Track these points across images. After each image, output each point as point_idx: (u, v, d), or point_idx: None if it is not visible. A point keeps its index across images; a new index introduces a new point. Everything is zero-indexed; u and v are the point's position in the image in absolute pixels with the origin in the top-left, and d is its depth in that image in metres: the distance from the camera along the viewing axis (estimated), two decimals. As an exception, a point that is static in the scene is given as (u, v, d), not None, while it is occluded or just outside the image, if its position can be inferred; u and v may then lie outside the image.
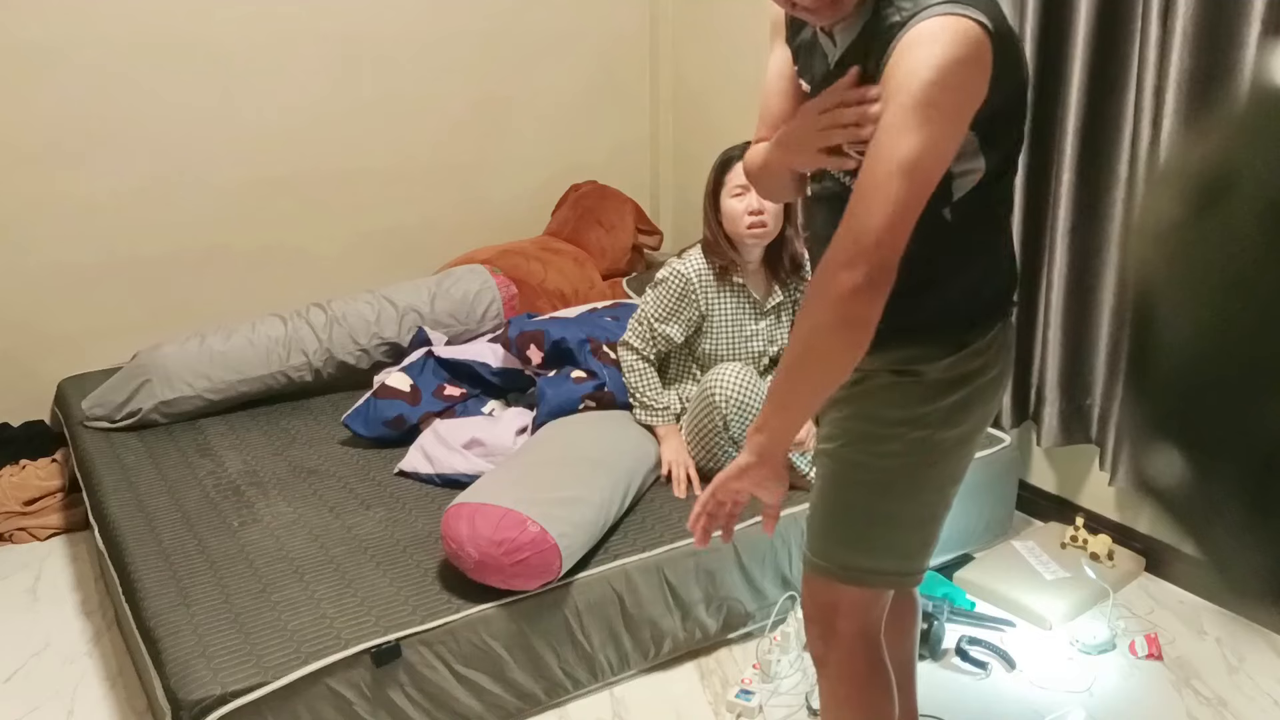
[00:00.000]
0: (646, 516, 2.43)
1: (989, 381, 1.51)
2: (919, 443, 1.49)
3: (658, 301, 2.61)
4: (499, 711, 2.14)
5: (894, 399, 1.49)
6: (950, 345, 1.46)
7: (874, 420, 1.51)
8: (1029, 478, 3.00)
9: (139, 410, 2.95)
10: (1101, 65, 2.53)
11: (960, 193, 1.40)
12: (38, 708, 2.29)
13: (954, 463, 1.53)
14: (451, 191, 3.94)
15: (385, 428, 2.81)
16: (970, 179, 1.40)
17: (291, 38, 3.51)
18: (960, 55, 1.26)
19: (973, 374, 1.48)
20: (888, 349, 1.46)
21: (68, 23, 3.17)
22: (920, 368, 1.47)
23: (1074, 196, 2.62)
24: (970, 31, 1.27)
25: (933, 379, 1.47)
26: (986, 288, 1.49)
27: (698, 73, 4.05)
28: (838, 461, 1.56)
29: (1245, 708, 2.23)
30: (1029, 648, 2.42)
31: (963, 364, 1.47)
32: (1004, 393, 1.58)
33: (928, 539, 1.58)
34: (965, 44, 1.26)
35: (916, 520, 1.55)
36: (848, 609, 1.58)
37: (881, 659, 1.64)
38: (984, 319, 1.49)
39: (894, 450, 1.50)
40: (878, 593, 1.60)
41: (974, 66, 1.27)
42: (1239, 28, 2.23)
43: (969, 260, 1.46)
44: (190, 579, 2.19)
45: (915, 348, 1.47)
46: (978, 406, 1.51)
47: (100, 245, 3.36)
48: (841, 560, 1.56)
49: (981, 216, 1.44)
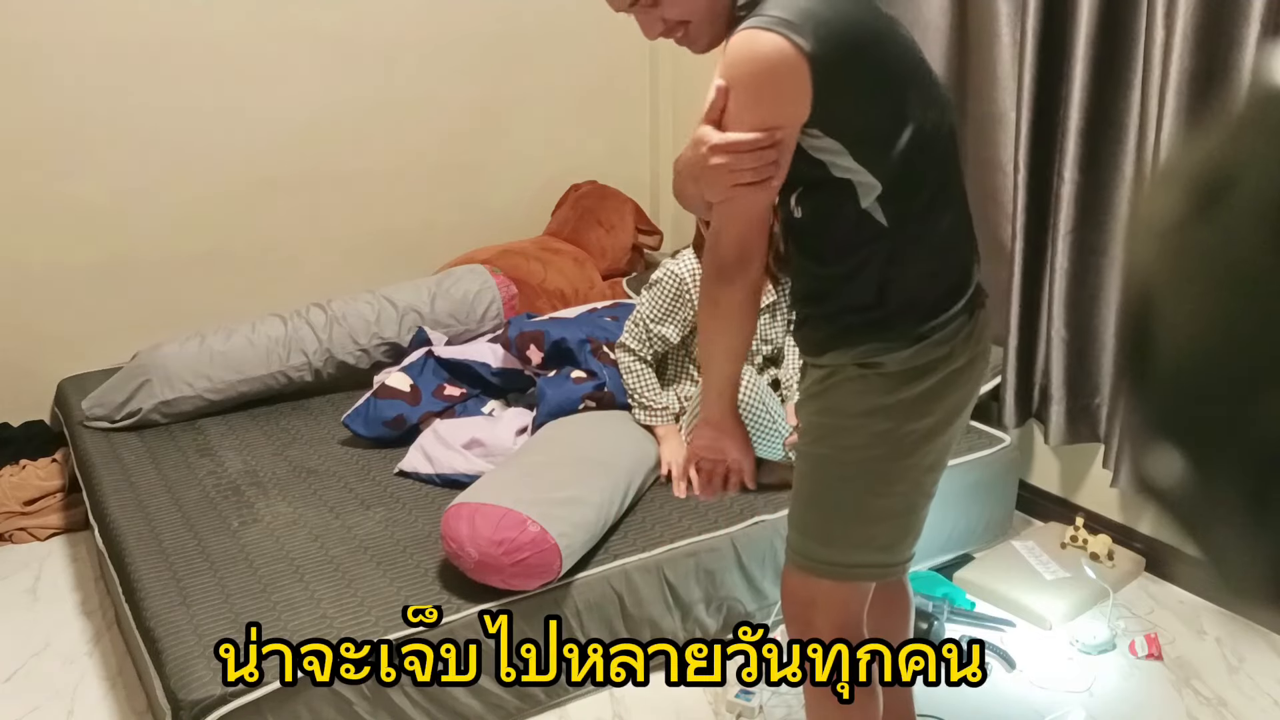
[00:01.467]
0: (646, 516, 2.43)
1: (957, 370, 1.52)
2: (884, 435, 1.51)
3: (652, 303, 2.62)
4: (499, 711, 2.14)
5: (857, 391, 1.51)
6: (910, 337, 1.48)
7: (839, 414, 1.54)
8: (1029, 478, 3.00)
9: (139, 410, 2.95)
10: (1105, 65, 2.53)
11: (869, 197, 1.42)
12: (38, 708, 2.29)
13: (926, 453, 1.54)
14: (451, 192, 3.93)
15: (385, 428, 2.81)
16: (867, 184, 1.41)
17: (292, 38, 3.51)
18: (747, 72, 1.35)
19: (937, 363, 1.49)
20: (853, 344, 1.50)
21: (68, 23, 3.17)
22: (881, 359, 1.49)
23: (1078, 196, 2.62)
24: (762, 46, 1.32)
25: (894, 370, 1.49)
26: (943, 280, 1.50)
27: (698, 73, 4.05)
28: (808, 458, 1.59)
29: (1245, 708, 2.23)
30: (1029, 648, 2.42)
31: (925, 354, 1.48)
32: (981, 381, 1.59)
33: (906, 530, 1.59)
34: (755, 60, 1.33)
35: (889, 512, 1.56)
36: (824, 604, 1.60)
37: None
38: (945, 310, 1.49)
39: (859, 443, 1.52)
40: (854, 586, 1.61)
41: (765, 80, 1.34)
42: (1239, 28, 2.23)
43: (917, 256, 1.47)
44: (190, 579, 2.19)
45: (876, 341, 1.49)
46: (949, 394, 1.52)
47: (100, 245, 3.35)
48: (815, 554, 1.58)
49: (917, 214, 1.45)
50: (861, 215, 1.43)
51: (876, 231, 1.44)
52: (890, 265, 1.46)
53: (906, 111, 1.40)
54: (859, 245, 1.46)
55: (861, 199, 1.42)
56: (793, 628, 1.64)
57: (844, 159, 1.40)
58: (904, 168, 1.42)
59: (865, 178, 1.41)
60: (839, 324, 1.51)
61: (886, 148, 1.40)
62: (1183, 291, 0.40)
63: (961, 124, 2.88)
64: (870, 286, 1.47)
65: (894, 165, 1.41)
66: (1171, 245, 0.41)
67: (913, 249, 1.47)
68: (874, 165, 1.40)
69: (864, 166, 1.40)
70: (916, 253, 1.47)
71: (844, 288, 1.49)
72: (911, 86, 1.42)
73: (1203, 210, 0.40)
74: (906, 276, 1.47)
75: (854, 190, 1.42)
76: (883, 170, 1.41)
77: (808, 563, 1.59)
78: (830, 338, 1.53)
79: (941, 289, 1.50)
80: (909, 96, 1.41)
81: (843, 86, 1.35)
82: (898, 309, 1.47)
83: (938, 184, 1.47)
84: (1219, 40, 2.27)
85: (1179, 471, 0.41)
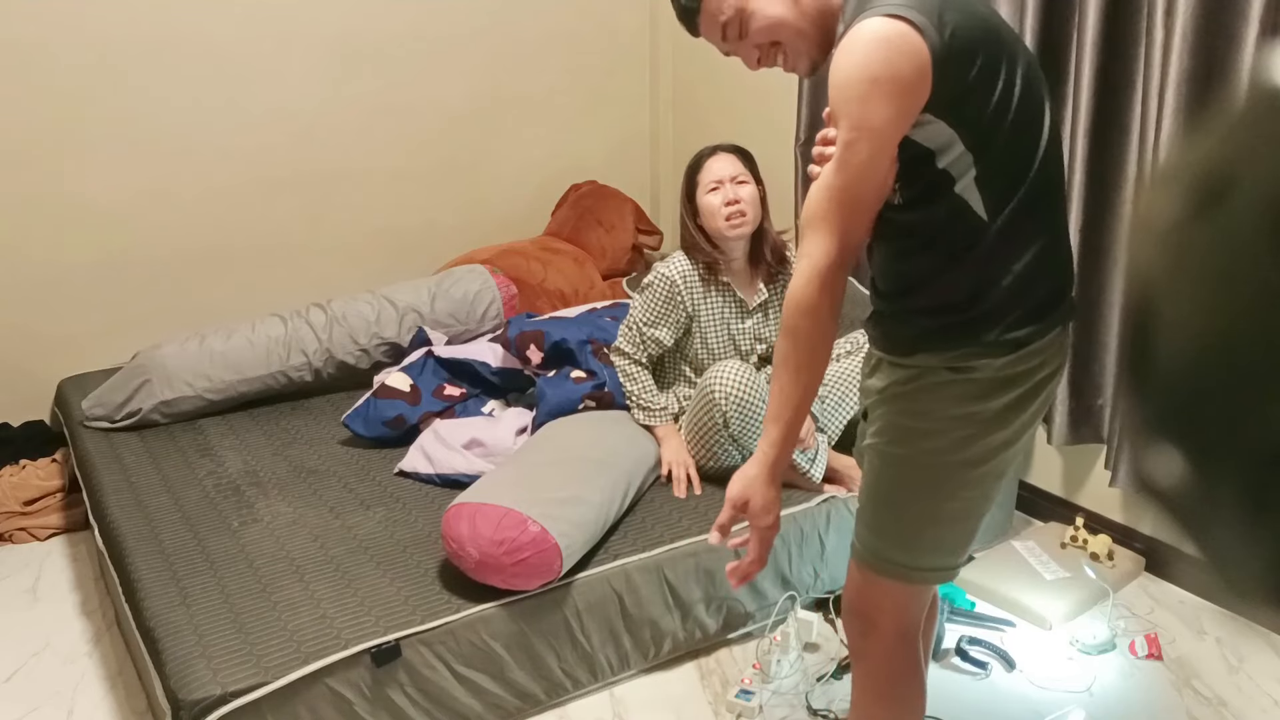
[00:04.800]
0: (646, 516, 2.43)
1: (1042, 380, 1.49)
2: (967, 441, 1.48)
3: (645, 306, 2.63)
4: (499, 711, 2.14)
5: (948, 397, 1.48)
6: (1007, 344, 1.45)
7: (926, 417, 1.50)
8: (1029, 478, 3.00)
9: (139, 410, 2.95)
10: (1105, 65, 2.53)
11: (962, 185, 1.40)
12: (38, 708, 2.29)
13: (1001, 461, 1.52)
14: (451, 191, 3.93)
15: (385, 428, 2.81)
16: (963, 168, 1.40)
17: (292, 37, 3.51)
18: (871, 56, 1.31)
19: (1027, 374, 1.47)
20: (948, 346, 1.46)
21: (68, 23, 3.17)
22: (976, 364, 1.45)
23: (1084, 196, 2.62)
24: (883, 29, 1.31)
25: (987, 377, 1.46)
26: (1040, 285, 1.46)
27: (698, 73, 4.05)
28: (886, 458, 1.55)
29: (1245, 708, 2.23)
30: (1029, 648, 2.42)
31: (1020, 363, 1.46)
32: (1056, 390, 1.57)
33: (968, 534, 1.58)
34: (878, 44, 1.31)
35: (958, 516, 1.55)
36: (890, 605, 1.59)
37: (918, 659, 1.64)
38: (1042, 318, 1.46)
39: (941, 447, 1.49)
40: (918, 589, 1.60)
41: (893, 61, 1.31)
42: (1238, 28, 2.23)
43: (1016, 254, 1.44)
44: (190, 579, 2.19)
45: (973, 345, 1.45)
46: (1032, 404, 1.50)
47: (100, 245, 3.35)
48: (889, 555, 1.56)
49: (1017, 210, 1.42)
50: (962, 205, 1.41)
51: (976, 223, 1.41)
52: (989, 263, 1.43)
53: (1010, 99, 1.39)
54: (957, 237, 1.43)
55: (958, 185, 1.40)
56: (854, 625, 1.63)
57: (952, 142, 1.38)
58: (1004, 154, 1.40)
59: (965, 163, 1.39)
60: (933, 322, 1.47)
61: (990, 131, 1.38)
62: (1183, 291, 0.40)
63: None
64: (966, 283, 1.44)
65: (995, 152, 1.39)
66: (1172, 245, 0.41)
67: (1012, 246, 1.43)
68: (978, 151, 1.38)
69: (971, 153, 1.38)
70: (1016, 251, 1.43)
71: (937, 282, 1.46)
72: (1017, 73, 1.40)
73: (1203, 210, 0.40)
74: (1005, 275, 1.43)
75: (953, 179, 1.40)
76: (984, 156, 1.39)
77: (880, 563, 1.56)
78: (920, 336, 1.49)
79: (1042, 293, 1.46)
80: (1014, 84, 1.39)
81: (959, 73, 1.34)
82: (995, 309, 1.44)
83: (1038, 178, 1.44)
84: (1218, 40, 2.27)
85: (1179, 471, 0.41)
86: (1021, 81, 1.40)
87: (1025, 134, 1.42)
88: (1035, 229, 1.45)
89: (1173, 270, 0.41)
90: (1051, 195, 1.48)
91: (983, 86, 1.37)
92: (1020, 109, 1.40)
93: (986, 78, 1.37)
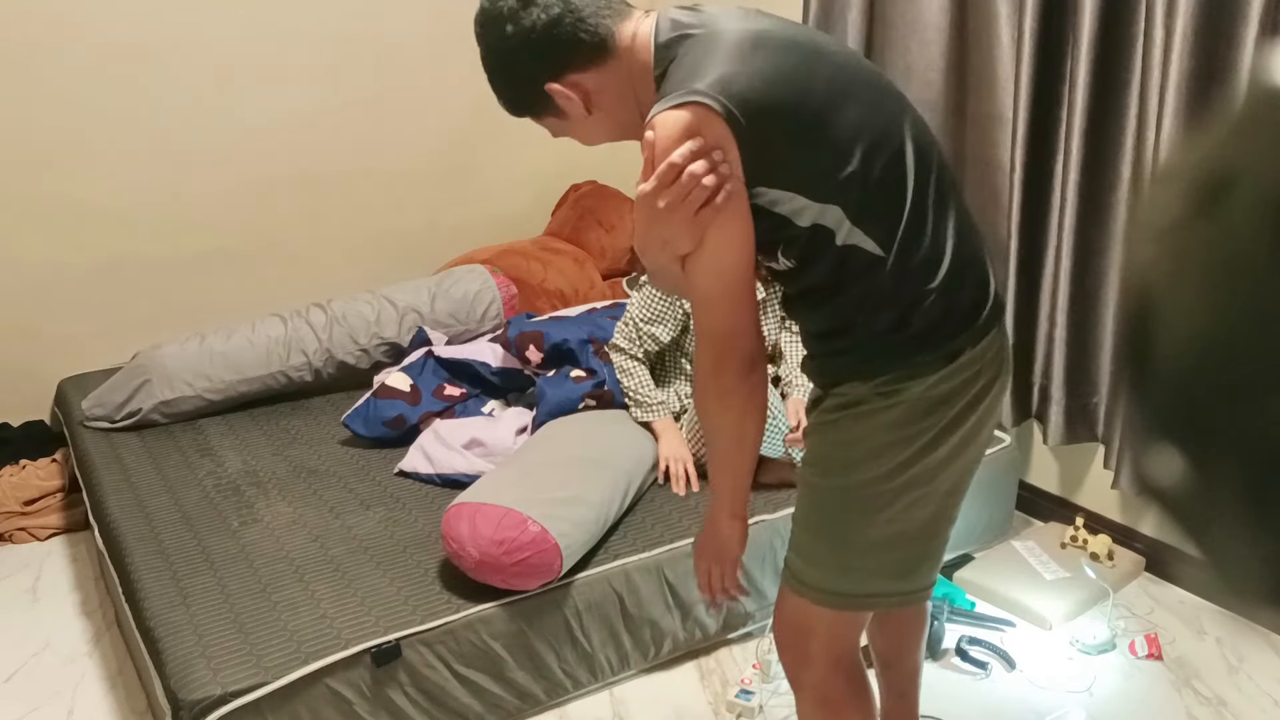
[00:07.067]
0: (646, 516, 2.43)
1: (977, 394, 1.45)
2: (903, 465, 1.44)
3: (643, 303, 2.64)
4: (499, 711, 2.14)
5: (876, 424, 1.44)
6: (942, 359, 1.42)
7: (854, 446, 1.47)
8: (1029, 477, 3.00)
9: (139, 410, 2.95)
10: (1105, 65, 2.53)
11: (843, 234, 1.36)
12: (38, 708, 2.29)
13: (948, 478, 1.47)
14: (451, 192, 3.93)
15: (385, 428, 2.81)
16: (834, 218, 1.35)
17: (291, 38, 3.50)
18: (665, 136, 1.30)
19: (960, 389, 1.43)
20: (876, 373, 1.43)
21: (68, 23, 3.17)
22: (905, 385, 1.42)
23: (1080, 196, 2.62)
24: (680, 119, 1.29)
25: (916, 397, 1.42)
26: (964, 294, 1.43)
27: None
28: (818, 490, 1.52)
29: (1245, 708, 2.23)
30: (1029, 648, 2.42)
31: (953, 377, 1.42)
32: (1003, 397, 1.53)
33: (924, 555, 1.53)
34: (677, 133, 1.29)
35: (905, 537, 1.49)
36: (824, 633, 1.53)
37: (861, 679, 1.60)
38: (970, 324, 1.43)
39: (876, 475, 1.45)
40: (854, 615, 1.55)
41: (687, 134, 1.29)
42: (1238, 28, 2.23)
43: (926, 271, 1.40)
44: (190, 579, 2.19)
45: (902, 367, 1.42)
46: (968, 418, 1.45)
47: (100, 245, 3.35)
48: (826, 585, 1.51)
49: (910, 234, 1.38)
50: (852, 250, 1.37)
51: (873, 260, 1.37)
52: (903, 290, 1.39)
53: (850, 135, 1.34)
54: (859, 276, 1.39)
55: (838, 237, 1.36)
56: (787, 655, 1.59)
57: (801, 203, 1.34)
58: (867, 189, 1.35)
59: (832, 214, 1.35)
60: (861, 353, 1.44)
61: (837, 176, 1.34)
62: (1182, 291, 0.40)
63: (961, 124, 2.88)
64: (888, 314, 1.40)
65: (855, 191, 1.34)
66: (1171, 245, 0.41)
67: (922, 268, 1.39)
68: (835, 199, 1.34)
69: (823, 204, 1.34)
70: (927, 270, 1.39)
71: (859, 320, 1.42)
72: (848, 107, 1.34)
73: (1202, 210, 0.40)
74: (925, 296, 1.39)
75: (831, 231, 1.36)
76: (846, 199, 1.35)
77: (817, 594, 1.51)
78: (849, 367, 1.46)
79: (965, 302, 1.43)
80: (847, 119, 1.34)
81: (767, 139, 1.30)
82: (924, 330, 1.40)
83: (919, 194, 1.39)
84: (1218, 40, 2.27)
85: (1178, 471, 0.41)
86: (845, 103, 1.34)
87: (883, 163, 1.36)
88: (938, 243, 1.40)
89: (1173, 270, 0.41)
90: (942, 203, 1.42)
91: (796, 141, 1.33)
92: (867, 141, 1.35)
93: (795, 132, 1.33)
